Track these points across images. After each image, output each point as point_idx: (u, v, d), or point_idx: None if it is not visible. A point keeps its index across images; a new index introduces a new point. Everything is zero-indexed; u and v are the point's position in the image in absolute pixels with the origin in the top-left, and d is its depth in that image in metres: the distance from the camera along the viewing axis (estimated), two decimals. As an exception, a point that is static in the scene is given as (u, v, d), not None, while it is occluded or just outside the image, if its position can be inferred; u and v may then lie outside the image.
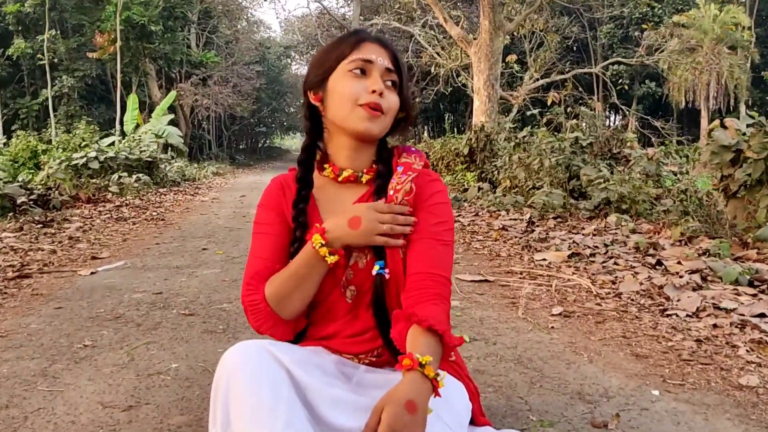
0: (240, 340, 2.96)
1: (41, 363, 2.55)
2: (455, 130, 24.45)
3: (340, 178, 1.45)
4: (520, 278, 4.24)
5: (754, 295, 3.36)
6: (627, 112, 22.39)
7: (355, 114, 1.35)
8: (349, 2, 30.78)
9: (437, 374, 1.14)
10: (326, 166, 1.46)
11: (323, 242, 1.32)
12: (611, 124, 27.87)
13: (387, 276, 1.36)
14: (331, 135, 1.45)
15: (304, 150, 1.49)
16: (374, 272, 1.36)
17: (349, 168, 1.44)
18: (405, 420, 1.04)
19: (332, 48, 1.42)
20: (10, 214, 7.27)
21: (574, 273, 4.24)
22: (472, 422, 1.44)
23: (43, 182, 10.13)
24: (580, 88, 23.49)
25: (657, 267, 4.21)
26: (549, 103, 19.80)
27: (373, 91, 1.34)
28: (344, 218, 1.33)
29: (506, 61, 19.76)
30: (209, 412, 1.22)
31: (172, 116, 20.21)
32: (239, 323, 3.18)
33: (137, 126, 18.18)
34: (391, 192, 1.39)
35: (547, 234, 5.79)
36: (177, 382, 2.35)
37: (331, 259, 1.33)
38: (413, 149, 1.51)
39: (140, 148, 14.02)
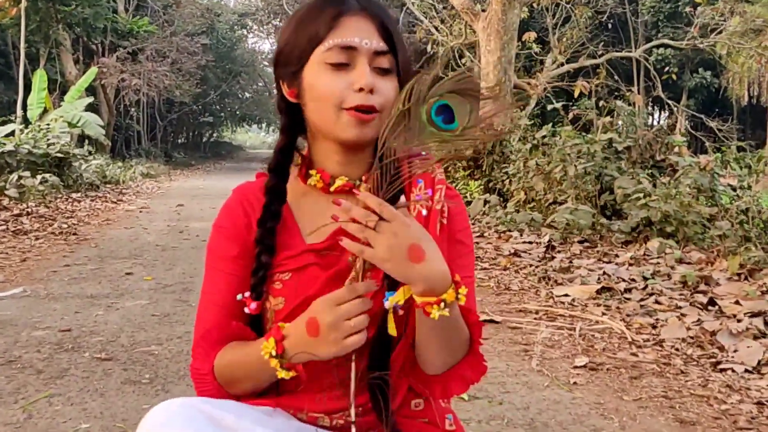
0: (171, 394, 2.94)
1: None
2: (456, 126, 24.49)
3: (331, 189, 1.41)
4: (535, 319, 4.26)
5: (831, 346, 3.40)
6: (675, 109, 22.66)
7: (341, 121, 1.32)
8: (323, -41, 30.90)
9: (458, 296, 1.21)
10: (312, 172, 1.43)
11: (274, 353, 1.23)
12: (655, 123, 28.23)
13: (401, 312, 1.31)
14: (314, 136, 1.42)
15: (277, 152, 1.44)
16: (387, 306, 1.28)
17: (343, 175, 1.41)
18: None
19: (303, 22, 1.36)
20: None
21: (603, 313, 4.27)
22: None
23: None
24: (616, 77, 23.72)
25: (709, 308, 4.25)
26: (576, 94, 19.96)
27: (361, 89, 1.31)
28: (303, 320, 1.23)
29: (523, 39, 19.93)
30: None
31: (91, 100, 20.07)
32: (170, 371, 3.16)
33: (45, 111, 18.04)
34: (424, 212, 1.39)
35: (570, 262, 5.82)
36: (88, 448, 2.33)
37: (285, 375, 1.25)
38: (423, 153, 1.49)
39: (48, 140, 13.88)
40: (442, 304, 1.18)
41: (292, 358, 1.23)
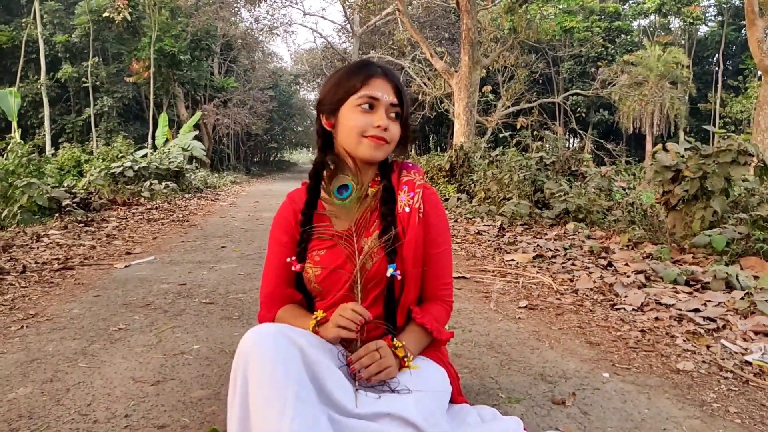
0: (252, 326, 2.94)
1: (81, 343, 2.53)
2: (438, 148, 24.50)
3: None
4: (492, 276, 4.25)
5: (690, 293, 3.38)
6: (583, 136, 22.51)
7: (363, 144, 1.35)
8: (350, 38, 30.83)
9: (406, 355, 1.33)
10: (335, 181, 1.45)
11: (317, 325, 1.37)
12: (570, 146, 28.08)
13: (399, 277, 1.36)
14: (340, 153, 1.44)
15: (315, 164, 1.47)
16: (388, 274, 1.35)
17: (355, 182, 1.43)
18: (379, 354, 1.28)
19: (344, 79, 1.38)
20: (57, 214, 7.22)
21: (538, 272, 4.25)
22: (452, 401, 1.45)
23: (85, 187, 10.05)
24: (545, 115, 23.62)
25: (608, 268, 4.23)
26: (518, 127, 19.90)
27: (378, 126, 1.34)
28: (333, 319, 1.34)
29: (482, 90, 19.86)
30: (228, 385, 1.21)
31: (196, 133, 20.13)
32: (252, 311, 3.16)
33: (167, 140, 18.10)
34: (407, 209, 1.41)
35: (515, 238, 5.80)
36: (198, 361, 2.33)
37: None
38: (410, 164, 1.50)
39: (169, 159, 13.91)
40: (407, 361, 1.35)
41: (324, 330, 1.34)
